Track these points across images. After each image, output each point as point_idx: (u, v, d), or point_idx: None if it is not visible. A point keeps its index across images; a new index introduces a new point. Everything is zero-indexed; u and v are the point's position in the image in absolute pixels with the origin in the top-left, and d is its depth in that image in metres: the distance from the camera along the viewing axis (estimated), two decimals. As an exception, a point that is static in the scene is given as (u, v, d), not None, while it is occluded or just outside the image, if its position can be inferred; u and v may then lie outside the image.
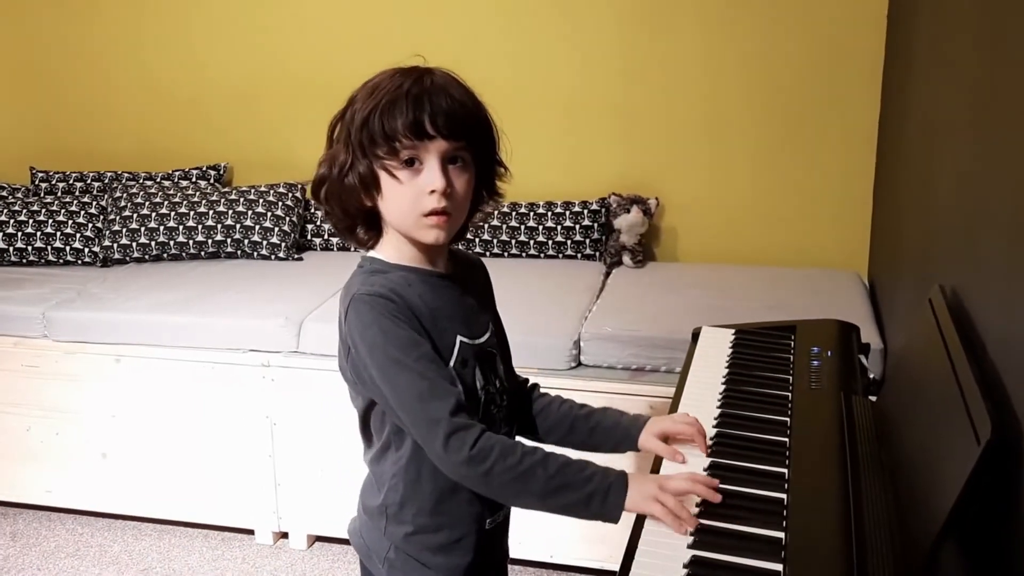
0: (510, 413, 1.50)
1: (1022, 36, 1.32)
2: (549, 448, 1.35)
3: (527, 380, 1.61)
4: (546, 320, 2.76)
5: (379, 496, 1.45)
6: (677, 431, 1.48)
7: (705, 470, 1.42)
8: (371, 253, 1.42)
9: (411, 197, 1.32)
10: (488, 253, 3.35)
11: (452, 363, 1.37)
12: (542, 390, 1.61)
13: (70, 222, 3.47)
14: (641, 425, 1.51)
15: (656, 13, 3.26)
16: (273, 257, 3.41)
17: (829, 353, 1.81)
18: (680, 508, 1.28)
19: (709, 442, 1.50)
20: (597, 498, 1.29)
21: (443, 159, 1.32)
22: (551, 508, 1.31)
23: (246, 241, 3.40)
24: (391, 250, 1.40)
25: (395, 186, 1.32)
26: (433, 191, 1.31)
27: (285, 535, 3.00)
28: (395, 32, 3.46)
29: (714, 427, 1.55)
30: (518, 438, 1.43)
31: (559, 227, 3.32)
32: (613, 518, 1.30)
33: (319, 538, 3.00)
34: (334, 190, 1.37)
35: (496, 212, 1.45)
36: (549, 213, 3.33)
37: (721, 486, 1.37)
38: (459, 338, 1.39)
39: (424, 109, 1.29)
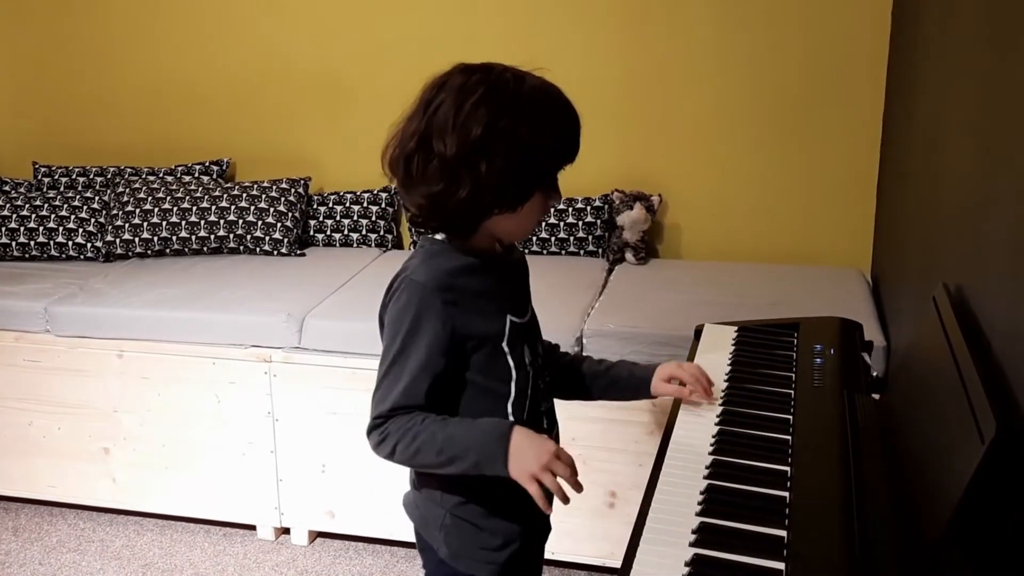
0: (552, 389, 1.60)
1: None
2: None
3: (549, 343, 1.71)
4: (548, 316, 2.72)
5: None
6: (680, 374, 1.62)
7: (707, 468, 1.42)
8: (437, 235, 1.48)
9: (541, 211, 1.44)
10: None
11: (505, 341, 1.47)
12: (563, 349, 1.74)
13: (73, 217, 3.47)
14: (652, 373, 1.63)
15: (660, 9, 3.25)
16: (275, 253, 3.41)
17: (832, 351, 1.81)
18: (553, 484, 1.36)
19: (712, 438, 1.50)
20: (484, 464, 1.38)
21: None
22: (453, 474, 1.41)
23: (248, 237, 3.40)
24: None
25: (539, 201, 1.42)
26: (551, 207, 1.46)
27: (287, 531, 3.01)
28: (396, 29, 3.46)
29: (717, 424, 1.55)
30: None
31: (562, 223, 3.32)
32: (504, 476, 1.38)
33: (320, 534, 3.00)
34: (472, 209, 1.38)
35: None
36: (552, 209, 3.32)
37: (723, 484, 1.37)
38: (509, 317, 1.49)
39: (580, 135, 1.42)
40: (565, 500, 1.39)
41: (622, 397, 1.71)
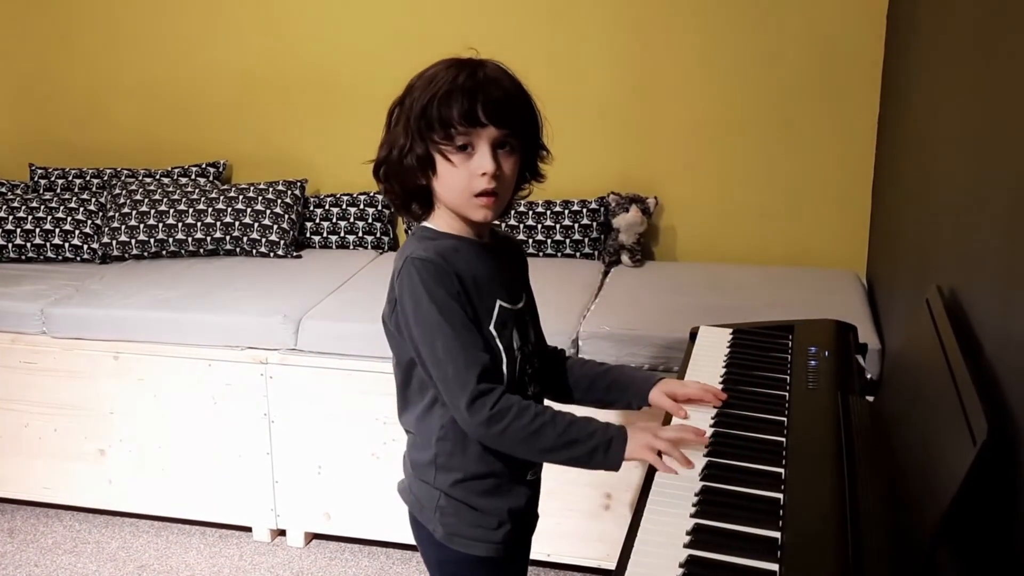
0: (540, 375, 1.64)
1: (1021, 36, 1.32)
2: (558, 407, 1.51)
3: (556, 347, 1.76)
4: (544, 318, 2.72)
5: (428, 450, 1.56)
6: (686, 392, 1.61)
7: (702, 469, 1.42)
8: (423, 223, 1.55)
9: (464, 178, 1.45)
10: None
11: (492, 324, 1.52)
12: (568, 354, 1.77)
13: (69, 219, 3.47)
14: (653, 383, 1.63)
15: (655, 12, 3.26)
16: (272, 255, 3.41)
17: (827, 353, 1.81)
18: (672, 450, 1.43)
19: (707, 439, 1.50)
20: (600, 451, 1.44)
21: (493, 145, 1.45)
22: (558, 460, 1.47)
23: (245, 239, 3.40)
24: (441, 221, 1.53)
25: (449, 168, 1.45)
26: (484, 174, 1.44)
27: (282, 532, 3.01)
28: (394, 31, 3.46)
29: (711, 426, 1.56)
30: (546, 402, 1.58)
31: (558, 226, 3.32)
32: (614, 467, 1.46)
33: (316, 536, 3.00)
34: (393, 170, 1.49)
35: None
36: (548, 212, 3.33)
37: (717, 485, 1.38)
38: (499, 302, 1.53)
39: (477, 99, 1.42)
40: (687, 462, 1.43)
41: (618, 403, 1.69)
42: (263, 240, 3.40)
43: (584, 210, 3.32)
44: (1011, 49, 1.37)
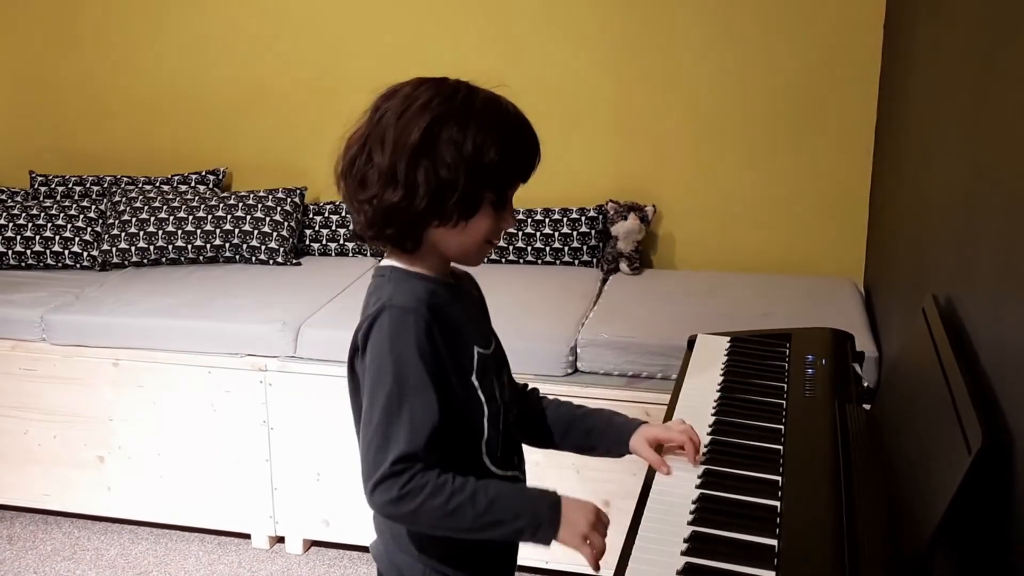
0: (520, 421, 1.52)
1: (1018, 44, 1.33)
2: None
3: (526, 385, 1.61)
4: (543, 326, 2.77)
5: None
6: (669, 438, 1.48)
7: (699, 477, 1.43)
8: (386, 262, 1.42)
9: (491, 229, 1.36)
10: (485, 259, 3.35)
11: (475, 373, 1.39)
12: (541, 394, 1.62)
13: (69, 226, 3.48)
14: (633, 428, 1.51)
15: (652, 20, 3.27)
16: (271, 262, 3.42)
17: (824, 361, 1.82)
18: (602, 547, 1.36)
19: (703, 449, 1.51)
20: (527, 533, 1.33)
21: None
22: (481, 539, 1.34)
23: (244, 246, 3.41)
24: (414, 260, 1.39)
25: (487, 218, 1.34)
26: (505, 226, 1.38)
27: (281, 539, 3.01)
28: (393, 38, 3.48)
29: (708, 434, 1.56)
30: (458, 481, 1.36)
31: (556, 234, 3.33)
32: (543, 545, 1.35)
33: (315, 543, 3.00)
34: (408, 215, 1.31)
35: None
36: (547, 220, 3.34)
37: (714, 493, 1.38)
38: (476, 349, 1.41)
39: (539, 155, 1.37)
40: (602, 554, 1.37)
41: (597, 449, 1.56)
42: (262, 247, 3.40)
43: (582, 218, 3.33)
44: (1008, 56, 1.38)
